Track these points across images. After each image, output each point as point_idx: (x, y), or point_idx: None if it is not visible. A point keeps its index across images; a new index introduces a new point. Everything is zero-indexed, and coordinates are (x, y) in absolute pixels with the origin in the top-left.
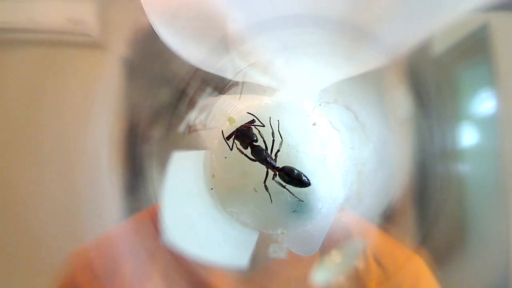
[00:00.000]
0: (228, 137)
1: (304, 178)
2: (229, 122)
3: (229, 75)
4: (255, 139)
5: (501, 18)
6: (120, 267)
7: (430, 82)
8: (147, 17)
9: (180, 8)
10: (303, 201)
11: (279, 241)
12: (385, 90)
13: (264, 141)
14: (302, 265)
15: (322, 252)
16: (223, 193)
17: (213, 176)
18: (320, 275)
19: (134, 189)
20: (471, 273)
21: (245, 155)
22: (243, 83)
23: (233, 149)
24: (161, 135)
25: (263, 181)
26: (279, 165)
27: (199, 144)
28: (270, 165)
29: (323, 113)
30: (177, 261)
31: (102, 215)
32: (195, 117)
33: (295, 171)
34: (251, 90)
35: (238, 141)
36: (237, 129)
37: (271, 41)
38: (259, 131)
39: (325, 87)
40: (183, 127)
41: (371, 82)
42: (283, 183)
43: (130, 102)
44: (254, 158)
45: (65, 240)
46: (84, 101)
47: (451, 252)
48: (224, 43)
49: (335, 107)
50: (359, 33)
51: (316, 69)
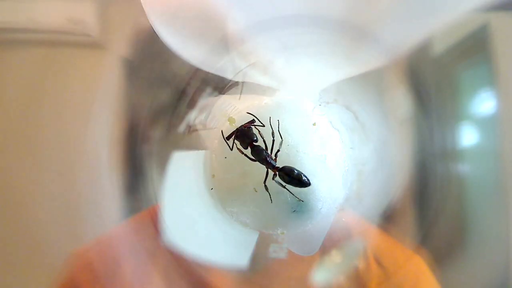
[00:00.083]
0: (228, 137)
1: (304, 178)
2: (229, 122)
3: (229, 75)
4: (255, 139)
5: (501, 18)
6: (120, 267)
7: (430, 82)
8: (147, 17)
9: (180, 8)
10: (303, 201)
11: (279, 241)
12: (385, 90)
13: (264, 141)
14: (302, 265)
15: (322, 252)
16: (223, 193)
17: (213, 176)
18: (320, 275)
19: (134, 189)
20: (471, 273)
21: (245, 155)
22: (243, 83)
23: (233, 149)
24: (161, 135)
25: (263, 181)
26: (279, 165)
27: (199, 144)
28: (270, 165)
29: (323, 113)
30: (177, 261)
31: (102, 215)
32: (195, 117)
33: (295, 171)
34: (251, 90)
35: (238, 141)
36: (237, 129)
37: (271, 41)
38: (259, 131)
39: (325, 87)
40: (183, 127)
41: (371, 82)
42: (283, 183)
43: (130, 102)
44: (254, 158)
45: (65, 240)
46: (84, 101)
47: (451, 252)
48: (224, 43)
49: (335, 107)
50: (359, 33)
51: (316, 69)
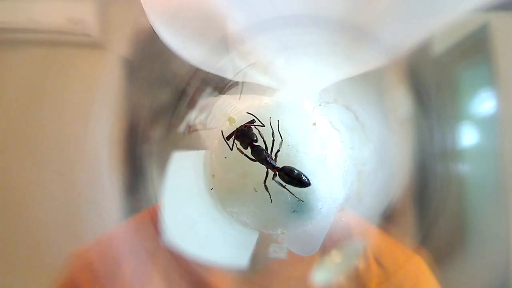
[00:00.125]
0: (228, 137)
1: (304, 178)
2: (229, 122)
3: (229, 75)
4: (255, 139)
5: (501, 18)
6: (120, 267)
7: (430, 82)
8: (147, 17)
9: (180, 8)
10: (303, 201)
11: (279, 241)
12: (385, 90)
13: (264, 141)
14: (302, 265)
15: (322, 252)
16: (223, 193)
17: (213, 176)
18: (320, 275)
19: (134, 189)
20: (471, 273)
21: (245, 155)
22: (243, 83)
23: (233, 149)
24: (161, 135)
25: (263, 181)
26: (279, 165)
27: (199, 144)
28: (270, 165)
29: (323, 113)
30: (177, 261)
31: (102, 215)
32: (195, 117)
33: (295, 171)
34: (251, 90)
35: (238, 141)
36: (237, 129)
37: (271, 41)
38: (259, 131)
39: (325, 87)
40: (183, 127)
41: (371, 82)
42: (283, 183)
43: (130, 102)
44: (254, 158)
45: (65, 240)
46: (84, 101)
47: (451, 252)
48: (224, 43)
49: (335, 107)
50: (359, 33)
51: (316, 69)
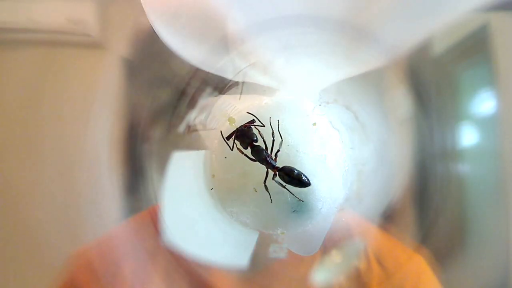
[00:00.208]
0: (228, 137)
1: (304, 178)
2: (229, 122)
3: (229, 75)
4: (255, 139)
5: (501, 18)
6: (120, 267)
7: (430, 82)
8: (147, 17)
9: (180, 8)
10: (303, 201)
11: (279, 241)
12: (385, 90)
13: (264, 141)
14: (302, 265)
15: (322, 252)
16: (223, 193)
17: (213, 176)
18: (320, 275)
19: (134, 189)
20: (471, 272)
21: (245, 155)
22: (243, 83)
23: (233, 149)
24: (161, 135)
25: (263, 181)
26: (279, 165)
27: (199, 144)
28: (270, 165)
29: (323, 113)
30: (177, 261)
31: (102, 215)
32: (195, 117)
33: (295, 171)
34: (251, 90)
35: (238, 141)
36: (237, 129)
37: (271, 41)
38: (259, 131)
39: (325, 87)
40: (183, 127)
41: (371, 82)
42: (283, 183)
43: (130, 102)
44: (254, 158)
45: (65, 240)
46: (84, 101)
47: (451, 252)
48: (224, 43)
49: (335, 107)
50: (359, 33)
51: (316, 69)
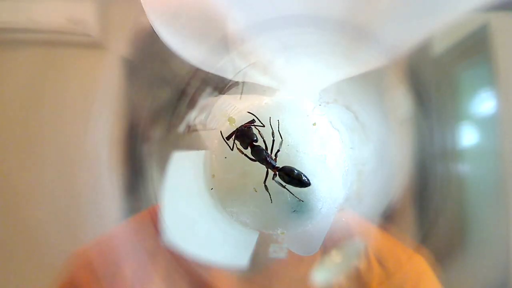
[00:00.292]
0: (228, 137)
1: (304, 178)
2: (229, 122)
3: (229, 75)
4: (255, 139)
5: (501, 18)
6: (120, 267)
7: (430, 82)
8: (147, 17)
9: (180, 8)
10: (303, 201)
11: (279, 241)
12: (385, 90)
13: (264, 141)
14: (302, 265)
15: (322, 252)
16: (223, 193)
17: (213, 176)
18: (320, 275)
19: (134, 189)
20: (471, 272)
21: (245, 155)
22: (243, 83)
23: (233, 149)
24: (161, 135)
25: (263, 181)
26: (279, 165)
27: (199, 144)
28: (270, 165)
29: (323, 113)
30: (177, 261)
31: (102, 215)
32: (195, 117)
33: (295, 171)
34: (251, 90)
35: (238, 141)
36: (237, 129)
37: (271, 41)
38: (259, 131)
39: (325, 87)
40: (183, 127)
41: (371, 82)
42: (283, 183)
43: (130, 102)
44: (254, 158)
45: (65, 240)
46: (84, 101)
47: (451, 252)
48: (224, 43)
49: (335, 107)
50: (359, 33)
51: (316, 69)
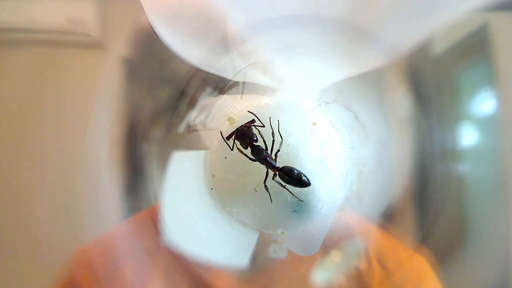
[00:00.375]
0: (228, 137)
1: (304, 178)
2: (229, 122)
3: (229, 75)
4: (255, 139)
5: (501, 18)
6: (120, 267)
7: (430, 82)
8: (147, 17)
9: (180, 8)
10: (303, 201)
11: (279, 241)
12: (385, 90)
13: (264, 141)
14: (302, 265)
15: (322, 252)
16: (223, 193)
17: (213, 176)
18: (320, 275)
19: (134, 189)
20: (471, 272)
21: (245, 155)
22: (243, 83)
23: (233, 149)
24: (161, 135)
25: (263, 181)
26: (279, 165)
27: (199, 144)
28: (270, 165)
29: (323, 113)
30: (177, 261)
31: (102, 215)
32: (195, 117)
33: (295, 171)
34: (251, 90)
35: (238, 141)
36: (237, 129)
37: (271, 41)
38: (259, 131)
39: (325, 87)
40: (183, 127)
41: (371, 82)
42: (283, 183)
43: (130, 102)
44: (254, 158)
45: (65, 240)
46: (84, 101)
47: (451, 252)
48: (224, 43)
49: (335, 107)
50: (359, 33)
51: (316, 69)
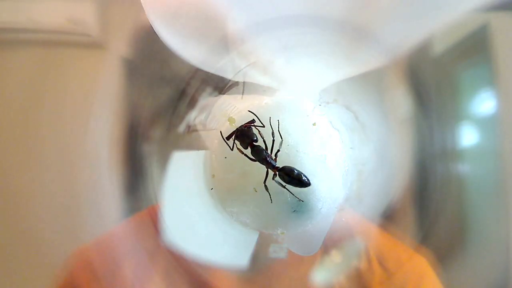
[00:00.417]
0: (228, 137)
1: (304, 178)
2: (229, 122)
3: (229, 75)
4: (255, 139)
5: (501, 18)
6: (120, 267)
7: (430, 82)
8: (147, 17)
9: (180, 8)
10: (303, 201)
11: (279, 241)
12: (385, 90)
13: (264, 141)
14: (302, 265)
15: (322, 252)
16: (223, 193)
17: (213, 176)
18: (320, 275)
19: (134, 189)
20: (471, 272)
21: (245, 155)
22: (244, 83)
23: (233, 149)
24: (161, 135)
25: (263, 181)
26: (279, 165)
27: (199, 144)
28: (270, 165)
29: (323, 113)
30: (177, 261)
31: (102, 215)
32: (195, 117)
33: (295, 171)
34: (251, 90)
35: (238, 141)
36: (237, 129)
37: (271, 41)
38: (259, 131)
39: (325, 87)
40: (183, 127)
41: (371, 82)
42: (283, 183)
43: (130, 102)
44: (254, 158)
45: (65, 240)
46: (84, 101)
47: (451, 251)
48: (224, 43)
49: (335, 107)
50: (359, 33)
51: (316, 69)
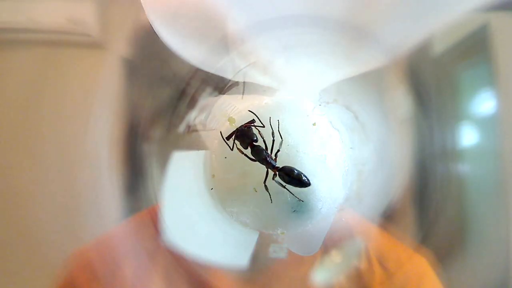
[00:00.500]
0: (228, 137)
1: (304, 178)
2: (229, 122)
3: (229, 75)
4: (255, 139)
5: (501, 18)
6: (120, 267)
7: (430, 82)
8: (147, 17)
9: (180, 8)
10: (303, 201)
11: (279, 241)
12: (385, 90)
13: (264, 141)
14: (302, 265)
15: (322, 252)
16: (223, 193)
17: (213, 176)
18: (320, 275)
19: (134, 189)
20: (471, 272)
21: (245, 155)
22: (244, 83)
23: (233, 149)
24: (161, 135)
25: (263, 181)
26: (279, 165)
27: (199, 144)
28: (270, 165)
29: (323, 113)
30: (177, 261)
31: (102, 215)
32: (195, 117)
33: (295, 171)
34: (251, 90)
35: (238, 141)
36: (237, 129)
37: (271, 41)
38: (259, 131)
39: (325, 87)
40: (183, 127)
41: (371, 82)
42: (283, 183)
43: (130, 102)
44: (254, 158)
45: (65, 240)
46: (84, 101)
47: (451, 251)
48: (224, 43)
49: (335, 107)
50: (359, 33)
51: (316, 69)
